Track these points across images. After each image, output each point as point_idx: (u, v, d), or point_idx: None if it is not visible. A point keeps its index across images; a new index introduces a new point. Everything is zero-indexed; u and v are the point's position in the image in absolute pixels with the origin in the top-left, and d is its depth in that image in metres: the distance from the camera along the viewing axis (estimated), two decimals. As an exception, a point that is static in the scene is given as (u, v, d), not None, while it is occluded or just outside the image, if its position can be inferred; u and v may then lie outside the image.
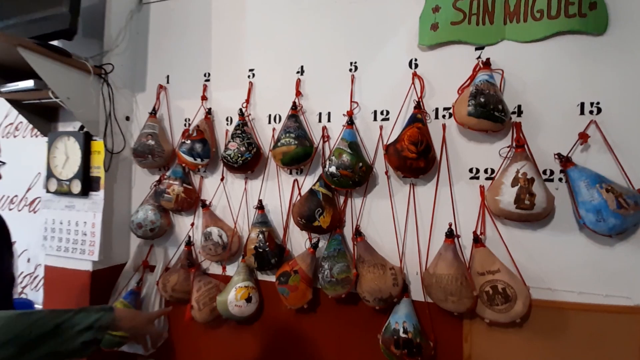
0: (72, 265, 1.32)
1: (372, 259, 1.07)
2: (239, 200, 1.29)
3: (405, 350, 0.98)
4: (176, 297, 1.25)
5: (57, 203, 1.34)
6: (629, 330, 0.95)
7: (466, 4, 1.08)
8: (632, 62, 0.96)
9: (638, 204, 0.88)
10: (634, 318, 0.95)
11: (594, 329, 0.97)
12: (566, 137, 0.99)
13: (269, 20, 1.30)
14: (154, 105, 1.38)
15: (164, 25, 1.44)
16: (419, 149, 0.99)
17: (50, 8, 1.11)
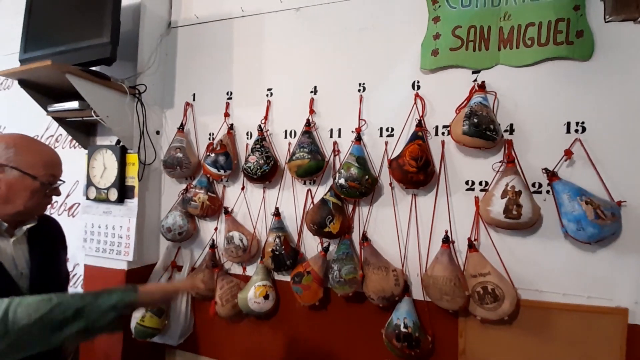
0: (109, 264, 1.48)
1: (377, 262, 1.19)
2: (257, 208, 1.43)
3: (405, 343, 1.11)
4: (201, 295, 1.40)
5: (96, 209, 1.51)
6: (610, 329, 1.05)
7: (464, 31, 1.20)
8: (615, 85, 1.06)
9: (615, 215, 0.98)
10: (614, 318, 1.05)
11: (577, 328, 1.07)
12: (553, 154, 1.10)
13: (286, 44, 1.43)
14: (182, 121, 1.53)
15: (191, 47, 1.59)
16: (419, 164, 1.11)
17: (93, 38, 1.27)
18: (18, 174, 0.81)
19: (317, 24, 1.39)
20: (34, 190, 0.82)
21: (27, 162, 0.82)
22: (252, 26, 1.48)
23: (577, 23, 1.09)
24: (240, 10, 1.49)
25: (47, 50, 1.34)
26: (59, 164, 0.89)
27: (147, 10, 1.49)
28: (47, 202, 0.89)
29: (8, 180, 0.80)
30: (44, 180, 0.84)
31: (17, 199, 0.81)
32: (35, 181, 0.82)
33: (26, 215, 0.86)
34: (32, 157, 0.83)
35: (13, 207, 0.82)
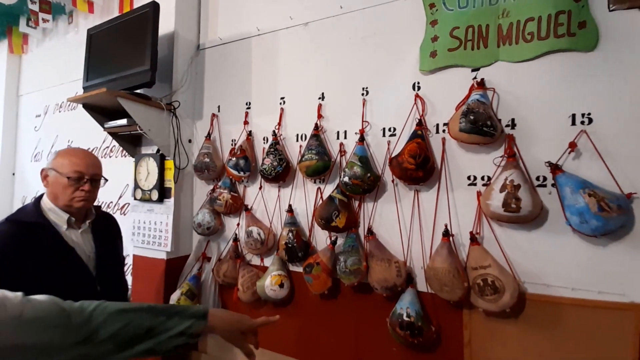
0: (152, 254, 1.73)
1: (380, 254, 1.27)
2: (273, 205, 1.58)
3: (408, 331, 1.16)
4: (226, 282, 1.58)
5: (142, 207, 1.77)
6: (622, 325, 1.01)
7: (462, 32, 1.23)
8: (623, 74, 1.03)
9: (622, 207, 0.96)
10: (628, 314, 1.01)
11: (588, 323, 1.04)
12: (558, 146, 1.09)
13: (296, 57, 1.57)
14: (209, 130, 1.74)
15: (216, 65, 1.80)
16: (417, 161, 1.17)
17: (137, 67, 1.52)
18: (55, 173, 1.05)
19: (323, 36, 1.51)
20: (64, 185, 1.04)
21: (59, 164, 1.06)
22: (267, 43, 1.65)
23: (578, 14, 1.08)
24: (256, 30, 1.67)
25: (103, 79, 1.63)
26: (83, 164, 1.07)
27: (180, 37, 1.73)
28: (79, 195, 1.06)
29: (51, 179, 1.06)
30: (69, 175, 1.04)
31: (58, 193, 1.05)
32: (62, 177, 1.04)
33: (71, 207, 1.06)
34: (63, 159, 1.06)
35: (60, 200, 1.05)
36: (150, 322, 0.69)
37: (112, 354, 0.66)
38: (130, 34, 1.58)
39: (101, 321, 0.65)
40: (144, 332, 0.68)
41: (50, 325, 0.60)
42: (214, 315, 0.75)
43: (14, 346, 0.56)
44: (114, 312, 0.67)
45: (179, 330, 0.70)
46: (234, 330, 0.78)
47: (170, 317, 0.71)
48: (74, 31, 2.47)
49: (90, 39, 1.75)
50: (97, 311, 0.66)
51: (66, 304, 0.65)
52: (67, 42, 2.49)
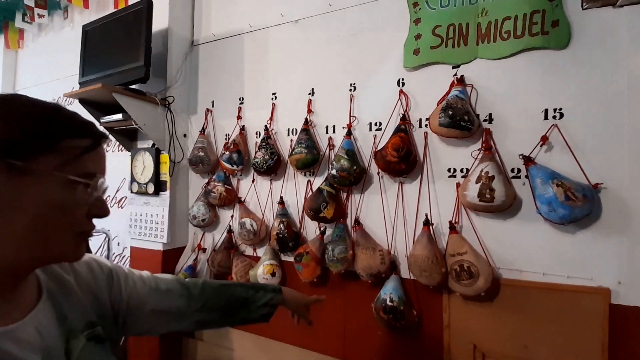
0: (149, 246, 1.79)
1: (366, 243, 1.33)
2: (265, 197, 1.64)
3: (391, 315, 1.24)
4: (221, 271, 1.65)
5: (138, 200, 1.83)
6: (592, 309, 1.08)
7: (443, 30, 1.29)
8: (592, 71, 1.10)
9: (587, 196, 1.02)
10: (596, 298, 1.08)
11: (558, 306, 1.12)
12: (531, 140, 1.16)
13: (287, 53, 1.62)
14: (203, 125, 1.79)
15: (210, 61, 1.85)
16: (400, 155, 1.23)
17: (132, 62, 1.57)
18: None
19: (313, 33, 1.55)
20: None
21: None
22: (259, 39, 1.69)
23: (552, 13, 1.14)
24: (248, 26, 1.71)
25: (98, 74, 1.67)
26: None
27: (174, 33, 1.77)
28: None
29: None
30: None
31: None
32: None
33: None
34: None
35: None
36: (245, 294, 0.83)
37: (219, 320, 0.80)
38: (125, 30, 1.62)
39: (211, 293, 0.78)
40: (241, 302, 0.82)
41: (177, 294, 0.73)
42: (285, 290, 0.92)
43: (160, 311, 0.69)
44: (219, 285, 0.81)
45: (264, 302, 0.84)
46: (299, 303, 0.95)
47: (257, 291, 0.85)
48: (69, 26, 2.49)
49: (86, 34, 1.79)
50: (206, 285, 0.79)
51: (182, 279, 0.78)
52: (63, 37, 2.52)
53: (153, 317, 0.67)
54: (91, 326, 0.52)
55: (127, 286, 0.63)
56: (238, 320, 0.84)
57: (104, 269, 0.61)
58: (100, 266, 0.61)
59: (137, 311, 0.64)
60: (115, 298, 0.61)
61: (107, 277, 0.61)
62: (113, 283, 0.61)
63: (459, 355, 1.24)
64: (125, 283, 0.63)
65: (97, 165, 0.49)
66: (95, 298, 0.56)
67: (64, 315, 0.49)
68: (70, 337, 0.48)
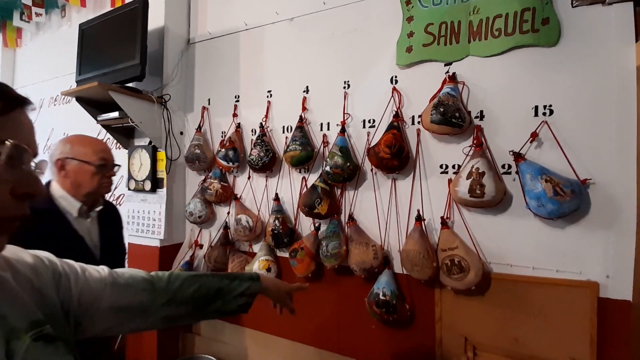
0: (146, 242, 1.81)
1: (359, 238, 1.35)
2: (261, 194, 1.66)
3: (383, 309, 1.26)
4: (217, 267, 1.67)
5: (136, 197, 1.85)
6: (581, 302, 1.10)
7: (435, 28, 1.30)
8: (581, 68, 1.11)
9: (575, 191, 1.04)
10: (584, 291, 1.10)
11: (547, 300, 1.14)
12: (521, 136, 1.17)
13: (282, 51, 1.63)
14: (199, 123, 1.81)
15: (206, 59, 1.86)
16: (393, 151, 1.25)
17: (127, 61, 1.58)
18: (77, 162, 1.06)
19: (307, 31, 1.57)
20: (93, 173, 1.06)
21: (81, 152, 1.06)
22: (254, 37, 1.71)
23: (542, 11, 1.15)
24: (244, 25, 1.72)
25: (95, 72, 1.69)
26: (106, 150, 1.12)
27: (170, 31, 1.79)
28: (107, 182, 1.12)
29: (72, 169, 1.06)
30: (97, 163, 1.07)
31: (84, 182, 1.06)
32: (90, 166, 1.06)
33: (95, 194, 1.09)
34: (84, 148, 1.08)
35: (84, 189, 1.07)
36: (218, 284, 0.77)
37: (191, 314, 0.74)
38: (121, 28, 1.63)
39: (178, 284, 0.72)
40: (214, 292, 0.76)
41: (139, 288, 0.67)
42: (264, 279, 0.86)
43: (119, 308, 0.64)
44: (187, 276, 0.75)
45: (240, 291, 0.79)
46: (281, 291, 0.90)
47: (232, 280, 0.80)
48: (67, 25, 2.50)
49: (82, 33, 1.80)
50: (172, 277, 0.73)
51: (145, 272, 0.72)
52: (60, 35, 2.53)
53: (111, 314, 0.63)
54: (37, 325, 0.47)
55: (78, 282, 0.59)
56: (212, 312, 0.78)
57: (48, 264, 0.56)
58: (43, 261, 0.56)
59: (92, 309, 0.60)
60: (65, 295, 0.56)
61: (53, 272, 0.56)
62: (61, 279, 0.56)
63: (451, 348, 1.26)
64: (76, 279, 0.59)
65: (9, 133, 0.41)
66: (40, 295, 0.51)
67: (2, 314, 0.44)
68: (12, 338, 0.44)
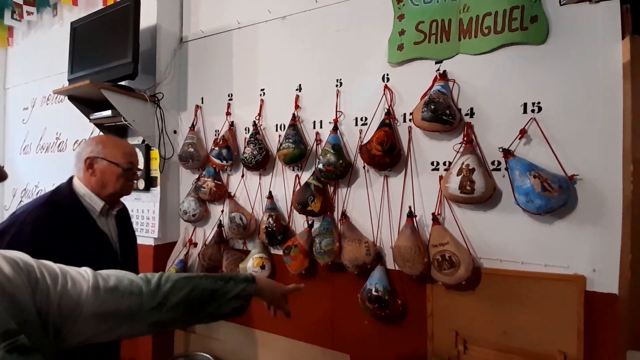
0: (141, 241, 1.77)
1: (352, 235, 1.36)
2: (255, 192, 1.67)
3: (376, 304, 1.27)
4: (212, 265, 1.67)
5: (130, 196, 1.82)
6: (568, 296, 1.12)
7: (426, 26, 1.31)
8: (569, 66, 1.13)
9: (562, 187, 1.06)
10: (571, 285, 1.12)
11: (535, 293, 1.16)
12: (511, 133, 1.19)
13: (275, 49, 1.64)
14: (193, 121, 1.81)
15: (199, 58, 1.86)
16: (384, 148, 1.26)
17: (120, 59, 1.58)
18: (106, 163, 1.05)
19: (300, 30, 1.57)
20: (119, 175, 1.06)
21: (112, 154, 1.06)
22: (247, 36, 1.71)
23: (531, 9, 1.16)
24: (237, 23, 1.72)
25: (87, 71, 1.68)
26: (134, 154, 1.13)
27: (162, 30, 1.78)
28: (130, 184, 1.12)
29: (100, 168, 1.05)
30: (125, 166, 1.07)
31: (109, 182, 1.05)
32: (118, 167, 1.06)
33: (118, 195, 1.09)
34: (114, 149, 1.07)
35: (109, 189, 1.06)
36: (212, 286, 0.73)
37: (182, 318, 0.69)
38: (113, 26, 1.63)
39: (169, 287, 0.67)
40: (207, 294, 0.71)
41: (127, 292, 0.62)
42: (260, 280, 0.82)
43: (104, 313, 0.58)
44: (179, 278, 0.70)
45: (235, 293, 0.74)
46: (276, 292, 0.87)
47: (226, 282, 0.75)
48: (58, 24, 2.48)
49: (74, 31, 1.79)
50: (163, 279, 0.68)
51: (133, 275, 0.67)
52: (52, 34, 2.51)
53: (96, 321, 0.56)
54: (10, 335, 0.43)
55: (57, 286, 0.53)
56: (206, 316, 0.73)
57: (23, 267, 0.50)
58: (17, 264, 0.50)
59: (74, 315, 0.54)
60: (42, 301, 0.50)
61: (28, 276, 0.50)
62: (37, 284, 0.51)
63: (442, 342, 1.28)
64: (54, 283, 0.53)
65: None
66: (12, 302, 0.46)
67: None
68: None
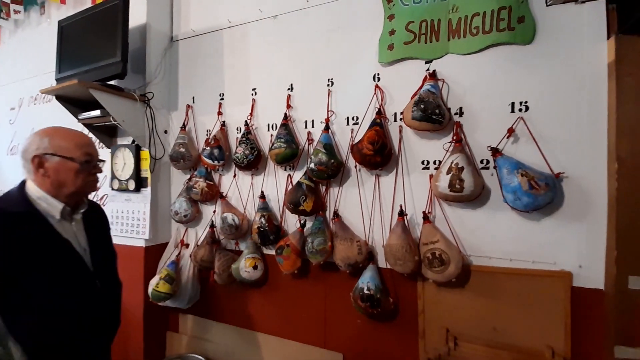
0: (131, 242, 1.79)
1: (344, 234, 1.37)
2: (247, 192, 1.66)
3: (368, 303, 1.28)
4: (204, 266, 1.66)
5: (119, 197, 1.82)
6: (555, 291, 1.14)
7: (416, 26, 1.32)
8: (555, 65, 1.15)
9: (549, 185, 1.08)
10: (558, 281, 1.14)
11: (524, 290, 1.18)
12: (499, 132, 1.20)
13: (266, 49, 1.63)
14: (184, 121, 1.79)
15: (190, 57, 1.84)
16: (375, 147, 1.27)
17: (108, 58, 1.55)
18: (59, 159, 0.91)
19: (291, 29, 1.57)
20: (77, 171, 0.93)
21: (63, 147, 0.91)
22: (238, 35, 1.70)
23: (518, 10, 1.18)
24: (227, 22, 1.71)
25: (75, 70, 1.65)
26: (90, 144, 0.98)
27: (152, 29, 1.76)
28: (93, 179, 0.99)
29: (53, 167, 0.91)
30: (82, 159, 0.93)
31: (67, 181, 0.92)
32: (74, 162, 0.92)
33: (80, 194, 0.98)
34: (65, 142, 0.92)
35: (67, 189, 0.93)
36: None
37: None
38: (101, 25, 1.61)
39: None
40: None
41: None
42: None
43: None
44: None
45: None
46: None
47: None
48: (46, 22, 2.43)
49: (62, 30, 1.76)
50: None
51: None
52: (40, 33, 2.46)
53: None
54: None
55: None
56: None
57: None
58: None
59: None
60: None
61: None
62: None
63: (433, 339, 1.29)
64: None
65: None
66: None
67: None
68: None
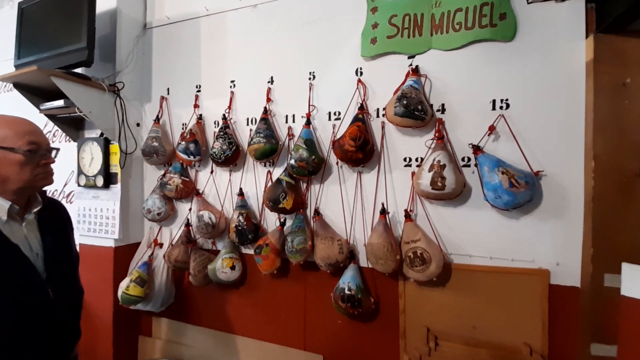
0: (99, 242, 1.68)
1: (325, 233, 1.33)
2: (225, 189, 1.59)
3: (349, 303, 1.24)
4: (178, 267, 1.58)
5: (87, 194, 1.70)
6: (533, 289, 1.15)
7: (399, 20, 1.29)
8: (536, 63, 1.15)
9: (528, 183, 1.08)
10: (536, 278, 1.15)
11: (503, 288, 1.18)
12: (480, 129, 1.19)
13: (245, 39, 1.56)
14: (158, 114, 1.69)
15: (164, 46, 1.74)
16: (357, 144, 1.23)
17: (73, 44, 1.44)
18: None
19: (271, 19, 1.51)
20: (22, 163, 0.81)
21: (1, 137, 0.80)
22: (216, 24, 1.62)
23: (500, 6, 1.17)
24: (205, 10, 1.62)
25: (36, 56, 1.52)
26: (35, 131, 0.85)
27: (123, 14, 1.65)
28: (43, 171, 0.86)
29: None
30: (25, 148, 0.81)
31: (10, 175, 0.81)
32: (16, 153, 0.80)
33: (29, 190, 0.86)
34: (2, 130, 0.81)
35: (13, 184, 0.82)
36: None
37: None
38: (65, 8, 1.48)
39: None
40: None
41: None
42: None
43: None
44: None
45: None
46: None
47: None
48: (8, 5, 2.25)
49: (22, 12, 1.62)
50: None
51: None
52: (2, 16, 2.27)
53: None
54: None
55: None
56: None
57: None
58: None
59: None
60: None
61: None
62: None
63: (414, 338, 1.27)
64: None
65: None
66: None
67: None
68: None
